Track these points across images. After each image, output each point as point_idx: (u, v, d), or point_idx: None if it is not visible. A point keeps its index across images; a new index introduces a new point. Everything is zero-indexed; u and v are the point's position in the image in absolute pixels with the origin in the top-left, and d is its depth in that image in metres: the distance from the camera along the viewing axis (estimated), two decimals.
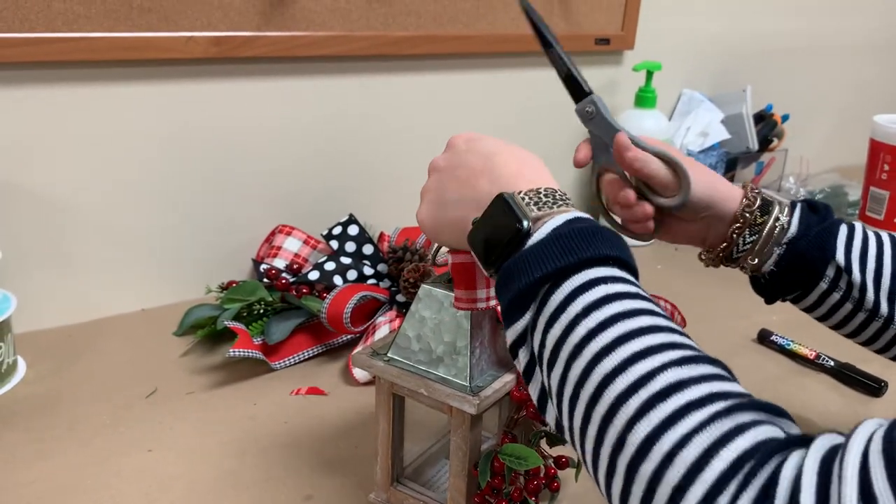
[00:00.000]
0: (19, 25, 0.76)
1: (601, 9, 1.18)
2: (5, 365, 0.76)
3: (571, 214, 0.44)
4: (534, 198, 0.45)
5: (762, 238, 0.61)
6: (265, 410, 0.74)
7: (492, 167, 0.49)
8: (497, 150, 0.50)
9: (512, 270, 0.43)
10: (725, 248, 0.63)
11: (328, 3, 0.93)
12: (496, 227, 0.45)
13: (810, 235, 0.60)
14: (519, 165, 0.49)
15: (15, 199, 0.82)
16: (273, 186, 0.98)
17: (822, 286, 0.61)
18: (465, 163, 0.50)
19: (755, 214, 0.62)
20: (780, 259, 0.62)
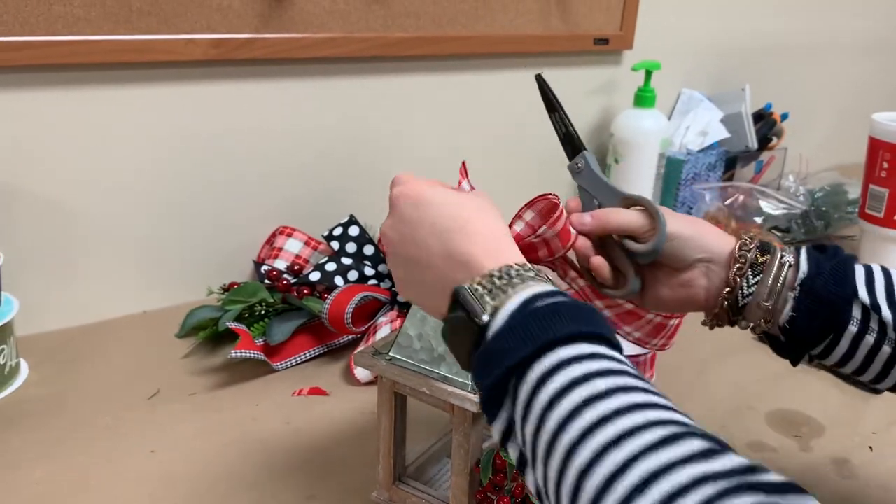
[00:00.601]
0: (20, 29, 0.77)
1: (600, 9, 1.19)
2: (8, 368, 0.76)
3: (527, 293, 0.41)
4: (487, 285, 0.43)
5: (769, 280, 0.55)
6: (267, 411, 0.74)
7: (449, 252, 0.46)
8: (449, 224, 0.47)
9: (479, 367, 0.41)
10: (729, 294, 0.57)
11: (327, 4, 0.93)
12: (458, 328, 0.43)
13: (825, 272, 0.54)
14: (474, 241, 0.46)
15: (16, 202, 0.82)
16: (273, 188, 0.99)
17: (851, 329, 0.53)
18: (420, 242, 0.48)
19: (755, 253, 0.57)
20: (798, 303, 0.54)
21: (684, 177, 1.25)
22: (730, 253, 0.58)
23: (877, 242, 1.17)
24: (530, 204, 0.57)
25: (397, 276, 0.52)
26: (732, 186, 1.28)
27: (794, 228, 1.27)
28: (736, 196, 1.26)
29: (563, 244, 0.57)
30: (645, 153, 1.20)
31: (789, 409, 0.79)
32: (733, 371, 0.85)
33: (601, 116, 1.29)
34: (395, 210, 0.51)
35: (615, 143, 1.21)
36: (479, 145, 1.14)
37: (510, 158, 1.19)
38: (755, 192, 1.26)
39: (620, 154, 1.21)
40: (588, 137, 1.29)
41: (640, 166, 1.20)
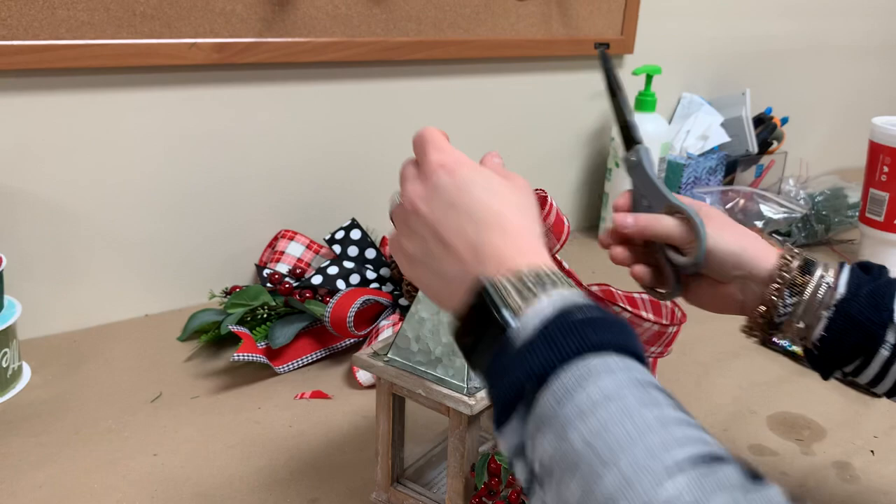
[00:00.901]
0: (23, 33, 0.77)
1: (601, 13, 1.19)
2: (10, 371, 0.77)
3: (557, 297, 0.39)
4: (516, 282, 0.40)
5: (805, 300, 0.55)
6: (269, 414, 0.75)
7: (478, 240, 0.43)
8: (484, 215, 0.44)
9: (495, 369, 0.38)
10: (765, 313, 0.57)
11: (329, 9, 0.94)
12: (475, 322, 0.41)
13: (861, 295, 0.54)
14: (508, 238, 0.43)
15: (19, 205, 0.82)
16: (275, 191, 0.99)
17: (883, 353, 0.54)
18: (449, 224, 0.44)
19: (794, 274, 0.56)
20: (830, 323, 0.55)
21: (685, 181, 1.25)
22: (769, 271, 0.57)
23: (877, 246, 1.17)
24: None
25: (408, 252, 0.47)
26: (733, 190, 1.28)
27: (795, 232, 1.27)
28: (736, 200, 1.27)
29: (557, 238, 0.57)
30: None
31: (791, 412, 0.79)
32: (735, 375, 0.86)
33: (602, 120, 1.29)
34: (431, 180, 0.46)
35: (616, 147, 1.22)
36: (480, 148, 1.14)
37: (511, 161, 1.18)
38: (756, 196, 1.27)
39: (621, 158, 1.21)
40: (589, 141, 1.29)
41: None
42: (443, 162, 0.47)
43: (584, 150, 1.29)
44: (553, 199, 0.57)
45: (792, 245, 1.27)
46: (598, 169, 1.31)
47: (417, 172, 0.48)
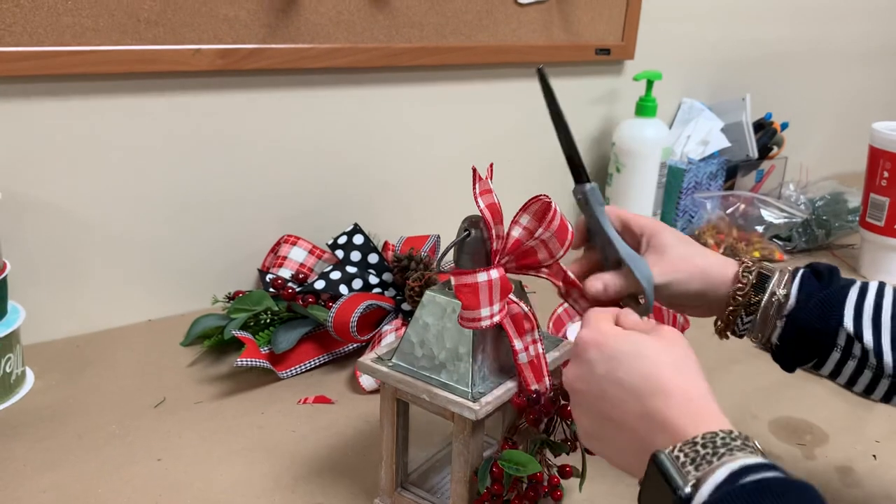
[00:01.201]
0: (28, 39, 0.77)
1: (601, 19, 1.20)
2: (14, 376, 0.77)
3: (734, 466, 0.39)
4: (690, 453, 0.40)
5: (759, 317, 0.60)
6: (273, 419, 0.75)
7: (644, 413, 0.44)
8: (644, 385, 0.45)
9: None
10: (725, 328, 0.62)
11: (333, 15, 0.94)
12: (656, 495, 0.41)
13: (809, 306, 0.58)
14: (672, 403, 0.43)
15: (23, 211, 0.83)
16: (278, 196, 0.99)
17: (835, 355, 0.58)
18: (613, 399, 0.46)
19: (748, 295, 0.60)
20: (783, 332, 0.60)
21: (685, 186, 1.25)
22: (725, 297, 0.61)
23: (877, 251, 1.17)
24: (525, 207, 0.57)
25: (585, 429, 0.49)
26: (733, 195, 1.28)
27: (795, 237, 1.27)
28: (737, 205, 1.27)
29: (561, 244, 0.57)
30: (646, 162, 1.20)
31: (793, 417, 0.79)
32: (737, 379, 0.86)
33: (603, 126, 1.30)
34: (582, 358, 0.48)
35: (617, 153, 1.22)
36: (482, 153, 1.15)
37: (513, 166, 1.19)
38: (756, 201, 1.27)
39: (622, 163, 1.21)
40: (590, 146, 1.30)
41: (642, 175, 1.21)
42: (593, 339, 0.48)
43: (586, 154, 1.30)
44: (557, 205, 0.57)
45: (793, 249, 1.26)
46: (599, 174, 1.32)
47: (574, 353, 0.50)
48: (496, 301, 0.54)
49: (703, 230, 1.26)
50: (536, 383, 0.56)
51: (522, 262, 0.58)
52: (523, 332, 0.56)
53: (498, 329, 0.57)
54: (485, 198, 0.56)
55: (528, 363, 0.56)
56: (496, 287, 0.54)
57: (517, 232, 0.57)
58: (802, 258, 1.26)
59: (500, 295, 0.54)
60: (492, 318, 0.54)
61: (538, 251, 0.57)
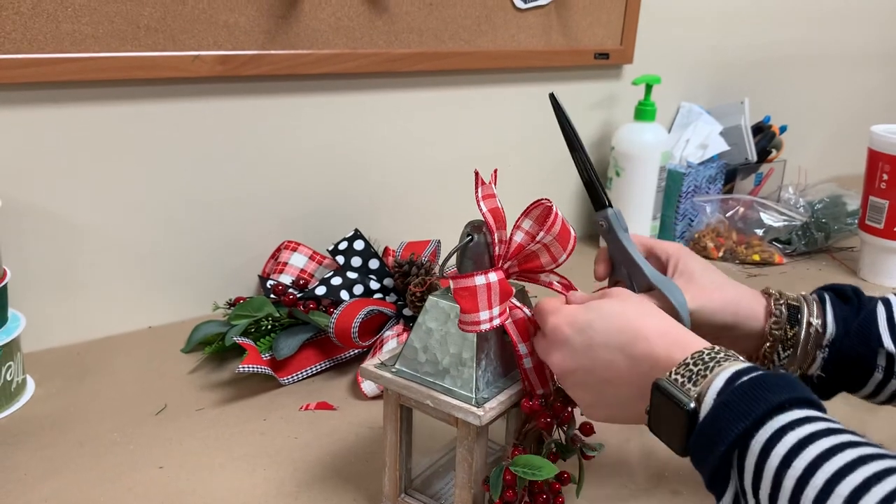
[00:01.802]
0: (28, 46, 0.77)
1: (600, 24, 1.20)
2: (15, 384, 0.76)
3: (727, 372, 0.44)
4: (685, 373, 0.45)
5: (799, 349, 0.59)
6: (275, 426, 0.75)
7: (633, 360, 0.48)
8: (622, 337, 0.49)
9: (698, 450, 0.43)
10: (762, 363, 0.61)
11: (332, 21, 0.94)
12: (667, 418, 0.45)
13: (851, 332, 0.58)
14: (653, 341, 0.48)
15: (23, 218, 0.82)
16: (278, 202, 0.99)
17: (877, 376, 0.58)
18: (601, 363, 0.50)
19: (784, 328, 0.60)
20: (826, 363, 0.59)
21: (685, 189, 1.25)
22: (760, 330, 0.60)
23: (877, 254, 1.17)
24: (526, 212, 0.58)
25: (586, 402, 0.53)
26: (733, 199, 1.29)
27: (795, 240, 1.27)
28: (736, 208, 1.27)
29: (563, 248, 0.57)
30: (646, 166, 1.20)
31: None
32: None
33: (602, 130, 1.30)
34: (557, 342, 0.52)
35: (616, 157, 1.22)
36: (482, 158, 1.15)
37: (513, 170, 1.19)
38: (755, 204, 1.27)
39: (621, 167, 1.21)
40: (589, 150, 1.29)
41: (641, 179, 1.21)
42: (559, 322, 0.52)
43: None
44: (558, 209, 0.57)
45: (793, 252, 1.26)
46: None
47: (548, 343, 0.53)
48: (495, 304, 0.54)
49: (702, 234, 1.27)
50: (541, 388, 0.56)
51: (525, 266, 0.58)
52: (527, 338, 0.56)
53: (501, 334, 0.57)
54: (487, 202, 0.56)
55: (532, 368, 0.56)
56: (495, 290, 0.54)
57: (519, 237, 0.57)
58: (802, 261, 1.26)
59: (500, 298, 0.54)
60: (491, 322, 0.53)
61: (540, 255, 0.57)
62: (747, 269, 1.21)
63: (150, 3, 0.82)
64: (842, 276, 1.20)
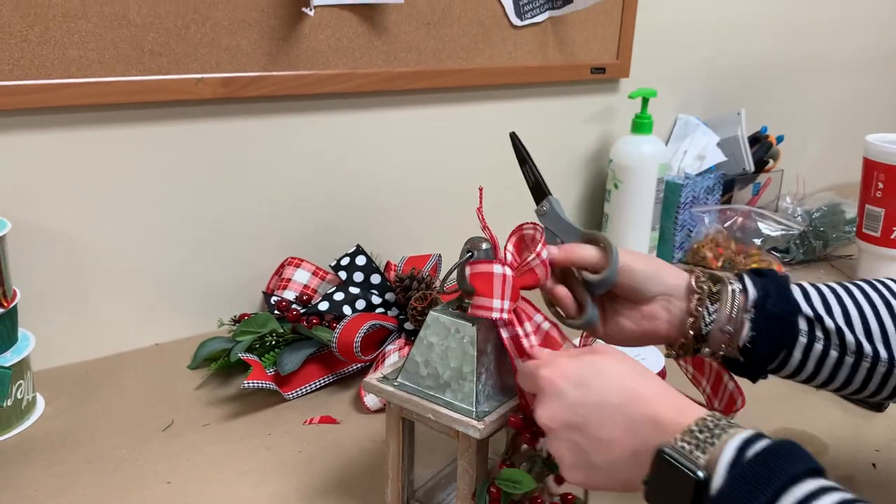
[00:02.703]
0: (36, 73, 0.79)
1: (596, 39, 1.22)
2: (25, 402, 0.78)
3: (736, 441, 0.43)
4: (691, 440, 0.44)
5: (727, 305, 0.60)
6: (279, 440, 0.76)
7: (632, 422, 0.47)
8: (621, 397, 0.48)
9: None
10: (693, 324, 0.61)
11: (332, 42, 0.96)
12: (671, 487, 0.43)
13: (772, 293, 0.59)
14: (654, 404, 0.47)
15: (32, 239, 0.84)
16: (281, 220, 1.01)
17: (801, 341, 0.59)
18: (595, 421, 0.48)
19: (708, 284, 0.62)
20: (755, 324, 0.59)
21: (683, 200, 1.27)
22: (686, 286, 0.62)
23: (875, 262, 1.18)
24: (513, 234, 0.61)
25: (570, 463, 0.50)
26: (731, 209, 1.30)
27: (793, 249, 1.29)
28: (734, 218, 1.28)
29: (546, 271, 0.59)
30: (643, 178, 1.22)
31: (792, 428, 0.80)
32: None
33: (600, 143, 1.32)
34: (551, 394, 0.50)
35: (614, 169, 1.24)
36: (480, 173, 1.16)
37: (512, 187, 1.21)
38: (753, 214, 1.28)
39: (619, 179, 1.23)
40: (587, 163, 1.31)
41: (639, 191, 1.22)
42: (554, 375, 0.50)
43: (584, 172, 1.31)
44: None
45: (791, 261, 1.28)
46: (597, 190, 1.33)
47: (539, 397, 0.51)
48: (507, 297, 0.56)
49: (701, 244, 1.28)
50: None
51: (524, 281, 0.59)
52: (523, 354, 0.57)
53: (501, 349, 0.58)
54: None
55: None
56: (508, 283, 0.56)
57: (509, 259, 0.59)
58: (801, 270, 1.27)
59: (512, 294, 0.56)
60: (502, 312, 0.55)
61: (528, 278, 0.59)
62: None
63: (154, 28, 0.84)
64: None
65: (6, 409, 0.75)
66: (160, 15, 0.84)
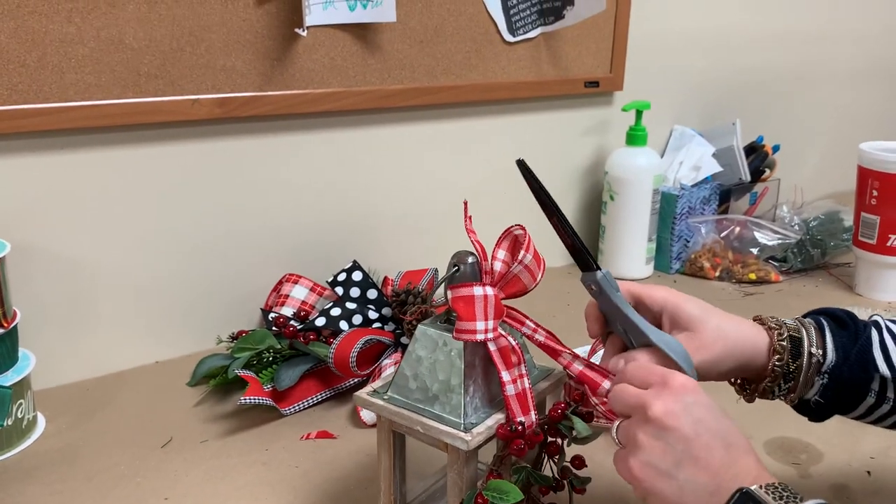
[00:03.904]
0: (34, 97, 0.81)
1: (589, 53, 1.23)
2: (26, 421, 0.79)
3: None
4: (773, 492, 0.45)
5: (801, 381, 0.60)
6: (277, 456, 0.77)
7: (732, 459, 0.48)
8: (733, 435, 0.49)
9: None
10: (762, 395, 0.62)
11: (326, 61, 0.98)
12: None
13: (851, 359, 0.59)
14: (750, 455, 0.49)
15: (32, 260, 0.86)
16: (279, 237, 1.02)
17: (869, 400, 0.60)
18: (703, 442, 0.49)
19: (787, 363, 0.60)
20: (825, 389, 0.60)
21: (679, 211, 1.27)
22: (762, 367, 0.60)
23: (871, 269, 1.19)
24: (503, 239, 0.61)
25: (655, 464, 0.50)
26: (727, 219, 1.30)
27: (791, 258, 1.29)
28: (731, 228, 1.29)
29: (535, 273, 0.60)
30: (639, 190, 1.23)
31: (787, 436, 0.80)
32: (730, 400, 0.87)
33: (595, 155, 1.33)
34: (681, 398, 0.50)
35: (610, 181, 1.24)
36: (474, 187, 1.18)
37: (508, 199, 1.22)
38: (750, 224, 1.29)
39: (615, 191, 1.24)
40: (583, 176, 1.32)
41: (635, 203, 1.23)
42: (691, 384, 0.51)
43: (579, 184, 1.32)
44: (530, 235, 0.60)
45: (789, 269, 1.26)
46: (593, 203, 1.34)
47: (659, 391, 0.51)
48: (490, 317, 0.56)
49: (699, 254, 1.28)
50: (522, 415, 0.58)
51: (509, 290, 0.60)
52: (510, 365, 0.58)
53: (488, 361, 0.59)
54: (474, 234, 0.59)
55: (514, 395, 0.58)
56: (490, 303, 0.56)
57: (498, 266, 0.60)
58: (798, 278, 1.27)
59: (495, 313, 0.57)
60: (486, 334, 0.56)
61: (516, 283, 0.59)
62: (744, 288, 1.22)
63: (150, 51, 0.86)
64: (838, 293, 1.22)
65: (7, 429, 0.76)
66: (156, 38, 0.86)
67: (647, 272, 1.28)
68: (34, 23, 0.79)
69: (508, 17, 1.12)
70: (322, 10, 0.94)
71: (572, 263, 0.59)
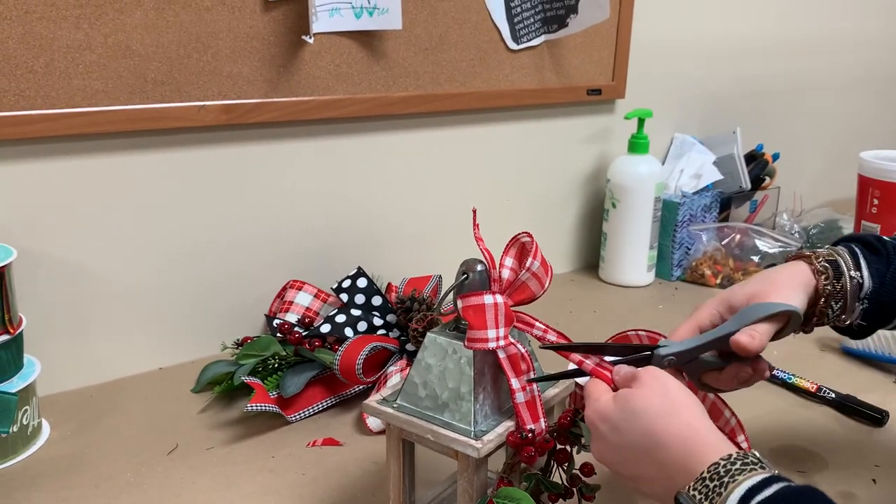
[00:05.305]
0: (41, 103, 0.81)
1: (591, 61, 1.24)
2: (31, 428, 0.79)
3: (740, 491, 0.44)
4: (702, 489, 0.46)
5: (848, 301, 0.64)
6: (283, 463, 0.76)
7: (660, 465, 0.50)
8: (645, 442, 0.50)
9: None
10: (818, 322, 0.66)
11: (332, 68, 0.98)
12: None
13: (886, 283, 0.64)
14: (672, 449, 0.49)
15: (37, 267, 0.85)
16: (283, 243, 1.02)
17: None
18: (631, 462, 0.52)
19: (832, 283, 0.64)
20: (865, 313, 0.65)
21: (680, 219, 1.28)
22: (816, 290, 0.64)
23: None
24: (511, 246, 0.62)
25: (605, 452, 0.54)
26: (728, 226, 1.31)
27: None
28: (732, 235, 1.30)
29: (543, 280, 0.60)
30: (641, 197, 1.23)
31: (793, 444, 0.81)
32: (737, 407, 0.87)
33: (597, 163, 1.33)
34: (597, 434, 0.54)
35: (612, 189, 1.25)
36: (478, 194, 1.18)
37: (511, 206, 1.22)
38: (751, 232, 1.29)
39: (617, 199, 1.24)
40: (585, 184, 1.33)
41: (637, 210, 1.24)
42: (593, 415, 0.54)
43: (581, 191, 1.33)
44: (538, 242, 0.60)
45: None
46: (595, 210, 1.35)
47: (591, 434, 0.55)
48: (501, 325, 0.56)
49: (700, 261, 1.29)
50: (533, 423, 0.58)
51: (518, 298, 0.60)
52: (520, 373, 0.58)
53: (497, 369, 0.59)
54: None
55: (524, 403, 0.58)
56: (501, 311, 0.57)
57: (505, 273, 0.60)
58: None
59: (505, 321, 0.57)
60: (497, 342, 0.56)
61: (524, 290, 0.60)
62: None
63: (157, 57, 0.86)
64: None
65: (12, 435, 0.76)
66: (163, 44, 0.86)
67: (649, 280, 1.28)
68: (42, 28, 0.79)
69: (512, 24, 1.13)
70: (328, 18, 0.95)
71: (575, 270, 0.61)
